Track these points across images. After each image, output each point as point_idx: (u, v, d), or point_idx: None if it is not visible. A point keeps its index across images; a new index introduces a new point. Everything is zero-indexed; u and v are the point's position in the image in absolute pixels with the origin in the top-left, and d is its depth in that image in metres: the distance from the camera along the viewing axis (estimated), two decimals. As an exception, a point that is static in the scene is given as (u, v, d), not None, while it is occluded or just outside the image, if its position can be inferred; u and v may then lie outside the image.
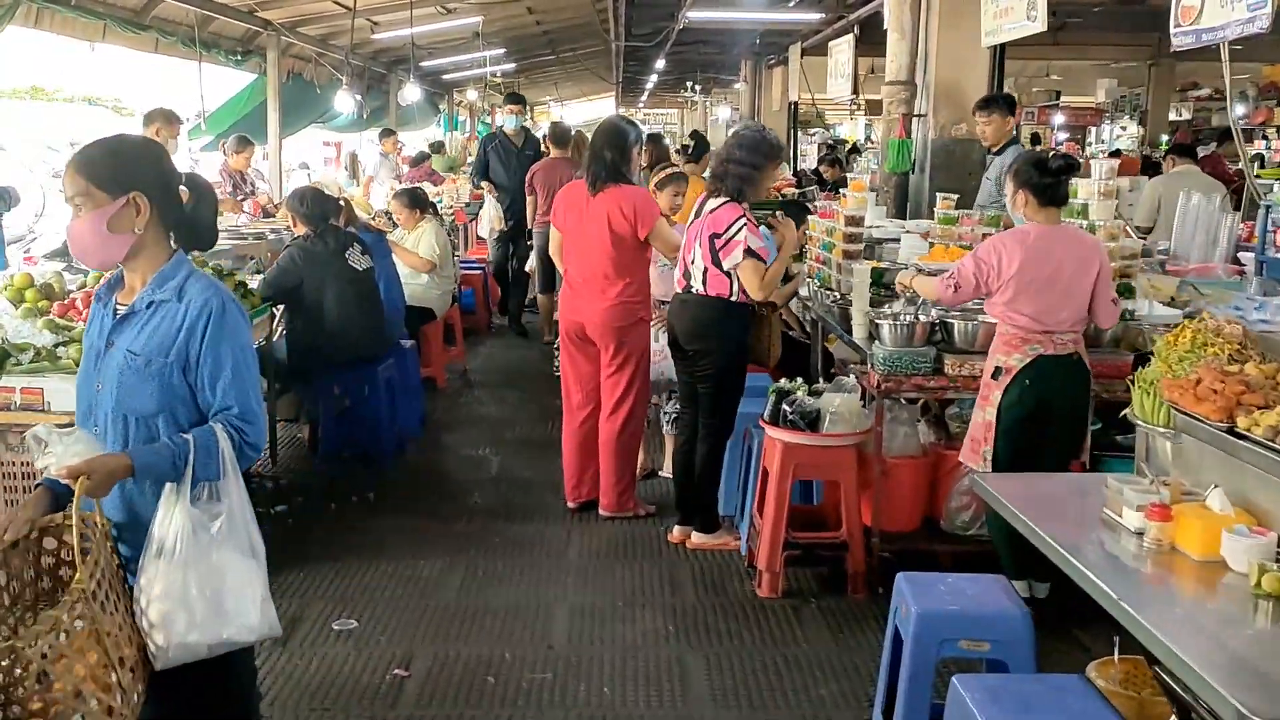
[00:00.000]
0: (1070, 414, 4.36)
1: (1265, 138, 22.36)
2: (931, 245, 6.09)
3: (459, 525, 5.75)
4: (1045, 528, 2.92)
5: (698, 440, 5.36)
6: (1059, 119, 24.68)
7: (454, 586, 4.96)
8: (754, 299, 5.07)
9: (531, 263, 10.30)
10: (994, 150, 7.29)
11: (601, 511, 5.82)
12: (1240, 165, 7.64)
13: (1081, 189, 4.88)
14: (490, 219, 10.42)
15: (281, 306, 6.51)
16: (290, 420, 7.29)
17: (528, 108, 17.26)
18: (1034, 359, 4.27)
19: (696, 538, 5.44)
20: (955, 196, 6.26)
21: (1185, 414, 2.94)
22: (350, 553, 5.30)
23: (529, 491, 6.27)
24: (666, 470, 6.48)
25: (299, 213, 6.42)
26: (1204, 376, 2.94)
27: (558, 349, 6.07)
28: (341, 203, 7.04)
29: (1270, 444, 2.59)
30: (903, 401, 4.91)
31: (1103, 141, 25.71)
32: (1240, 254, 6.35)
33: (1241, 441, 2.71)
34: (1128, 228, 5.32)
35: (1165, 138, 21.72)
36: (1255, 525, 2.62)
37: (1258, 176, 11.68)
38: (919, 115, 8.79)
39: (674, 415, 6.27)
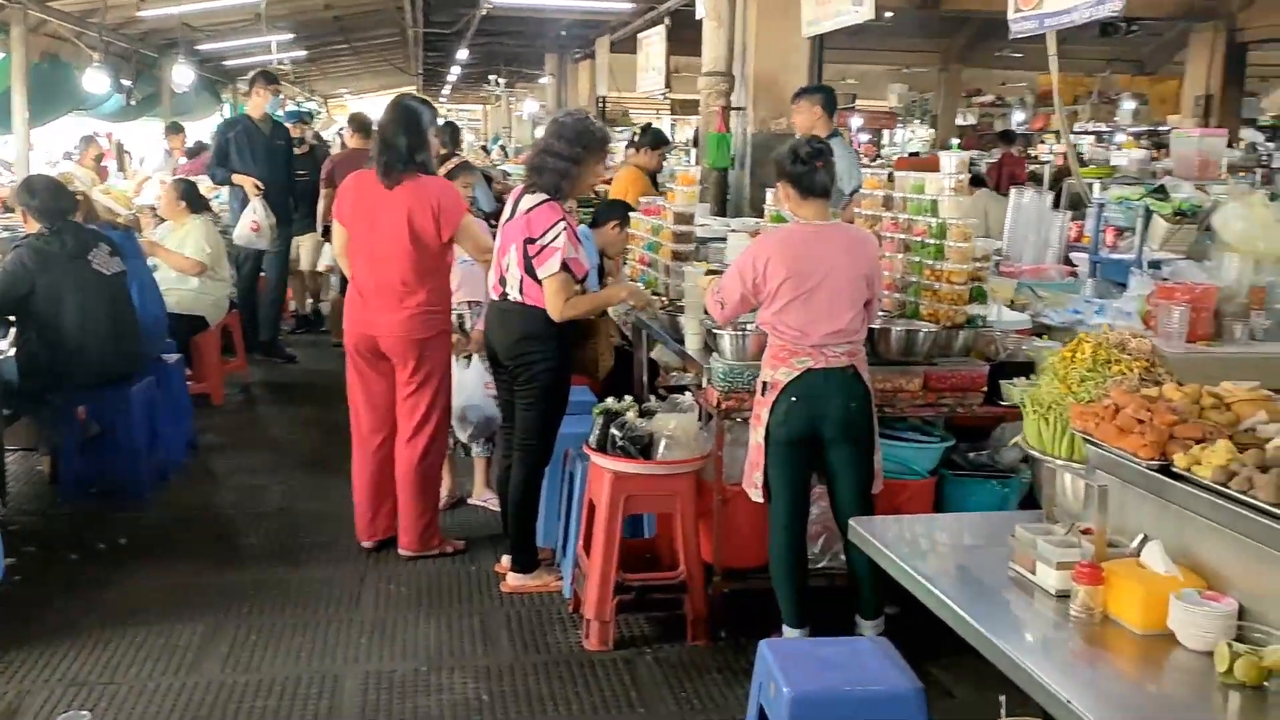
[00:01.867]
0: (848, 435, 3.87)
1: (1044, 141, 23.39)
2: (763, 246, 5.58)
3: (230, 575, 4.88)
4: (943, 586, 2.40)
5: (514, 466, 4.69)
6: (856, 121, 25.17)
7: (219, 657, 4.12)
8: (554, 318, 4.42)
9: (327, 260, 9.38)
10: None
11: (401, 551, 5.06)
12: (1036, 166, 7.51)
13: (930, 185, 4.48)
14: (249, 224, 8.29)
15: (12, 318, 5.45)
16: (28, 450, 6.20)
17: (325, 100, 16.11)
18: (801, 373, 3.79)
19: (513, 579, 4.76)
20: (785, 192, 5.78)
21: (1103, 449, 2.46)
22: (92, 617, 4.37)
23: (318, 528, 5.44)
24: (477, 497, 5.78)
25: (29, 206, 5.39)
26: (1122, 402, 2.47)
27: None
28: (79, 197, 5.99)
29: (1221, 489, 2.12)
30: (745, 421, 4.35)
31: (895, 144, 26.39)
32: (1071, 254, 6.13)
33: (1180, 484, 2.24)
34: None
35: (955, 141, 22.38)
36: (1205, 588, 2.15)
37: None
38: (738, 109, 8.35)
39: (483, 434, 5.59)
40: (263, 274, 8.84)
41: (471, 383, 5.25)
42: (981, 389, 4.33)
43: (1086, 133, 22.55)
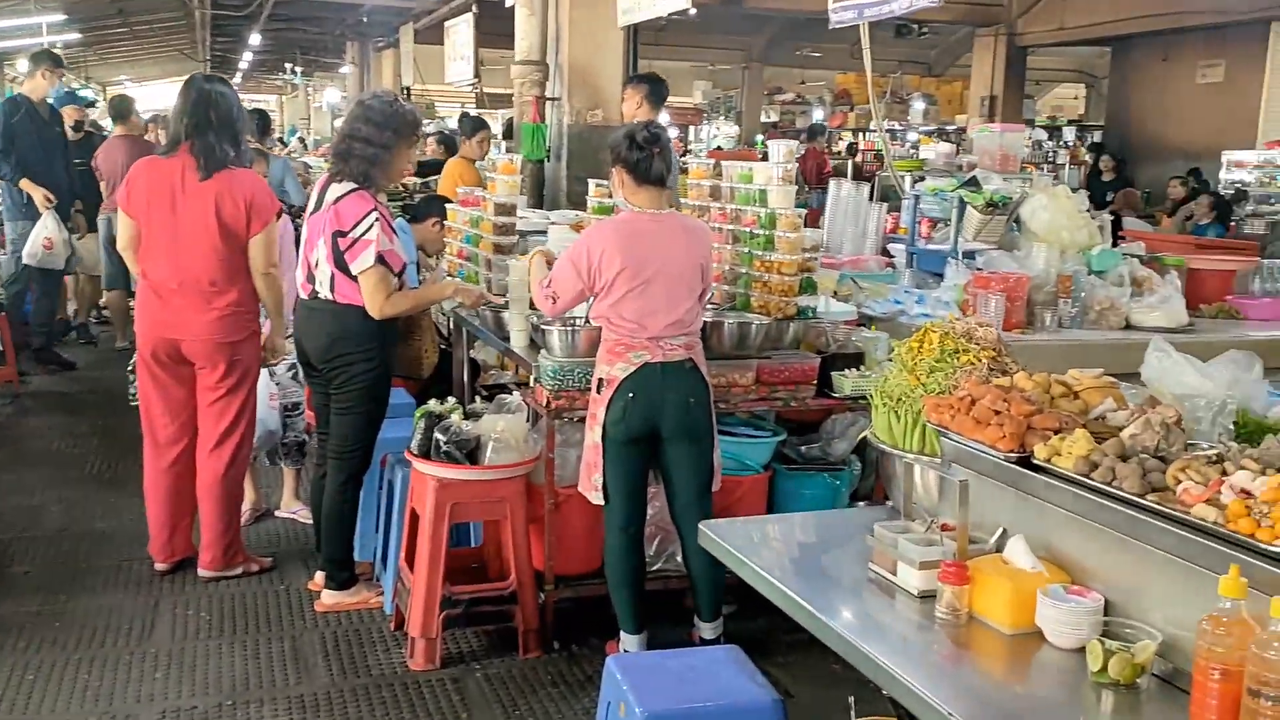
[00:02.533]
0: (687, 432, 3.75)
1: (842, 138, 24.19)
2: (586, 238, 5.40)
3: (2, 607, 4.36)
4: (803, 592, 2.28)
5: (328, 475, 4.36)
6: (665, 117, 25.32)
7: (-9, 703, 3.65)
8: (373, 315, 4.12)
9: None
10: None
11: (202, 572, 4.64)
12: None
13: (759, 174, 4.40)
14: (41, 240, 7.45)
15: None
16: None
17: (104, 88, 14.98)
18: (639, 368, 3.65)
19: (328, 597, 4.43)
20: (608, 184, 5.62)
21: (959, 441, 2.39)
22: None
23: (104, 550, 4.95)
24: (285, 509, 5.40)
25: None
26: (977, 394, 2.40)
27: (133, 370, 4.82)
28: None
29: (1084, 480, 2.06)
30: (577, 421, 4.16)
31: (701, 140, 26.80)
32: (889, 245, 6.21)
33: (1041, 477, 2.18)
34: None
35: (760, 138, 22.86)
36: (1070, 583, 2.09)
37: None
38: (553, 99, 8.15)
39: (296, 441, 5.21)
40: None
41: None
42: (813, 381, 4.28)
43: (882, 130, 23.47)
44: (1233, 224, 9.40)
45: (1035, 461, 2.19)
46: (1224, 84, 16.94)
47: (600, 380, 3.75)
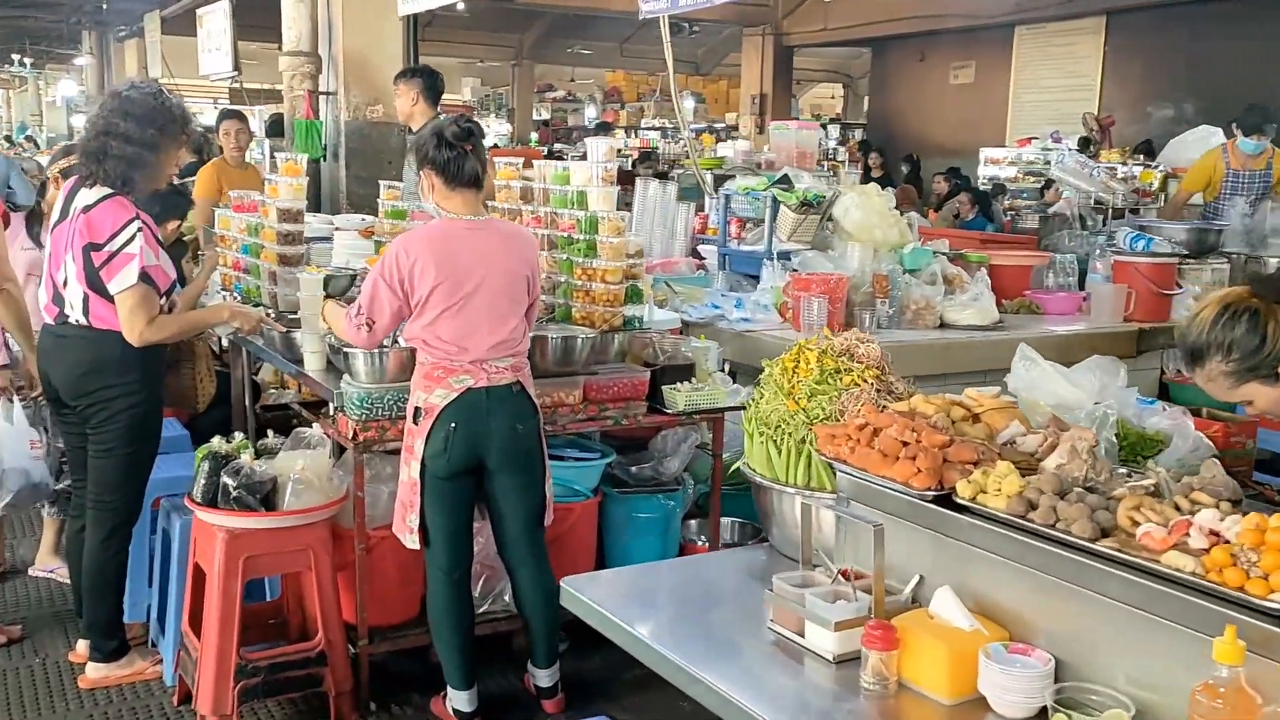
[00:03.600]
0: (516, 462, 3.38)
1: (614, 135, 24.18)
2: (380, 245, 4.90)
3: None
4: (695, 660, 1.95)
5: (88, 528, 3.72)
6: (437, 114, 24.66)
7: None
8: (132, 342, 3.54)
9: None
10: (416, 131, 6.30)
11: (-68, 651, 3.90)
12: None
13: (577, 174, 4.05)
14: None
15: None
16: None
17: None
18: (461, 394, 3.26)
19: (94, 670, 3.80)
20: (400, 186, 5.14)
21: (861, 478, 2.12)
22: None
23: None
24: (40, 566, 4.67)
25: None
26: (878, 423, 2.14)
27: None
28: None
29: (1024, 524, 1.82)
30: (389, 453, 3.69)
31: (473, 138, 26.10)
32: (699, 247, 5.99)
33: (966, 518, 1.93)
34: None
35: (535, 136, 22.51)
36: (1008, 639, 1.84)
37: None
38: (327, 93, 7.54)
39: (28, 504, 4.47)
40: None
41: (10, 439, 4.09)
42: (644, 397, 3.98)
43: (653, 128, 23.56)
44: (1009, 219, 9.73)
45: (959, 500, 1.94)
46: (975, 84, 17.85)
47: (417, 409, 3.32)
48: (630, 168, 12.90)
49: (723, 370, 4.19)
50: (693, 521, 4.39)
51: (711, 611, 2.23)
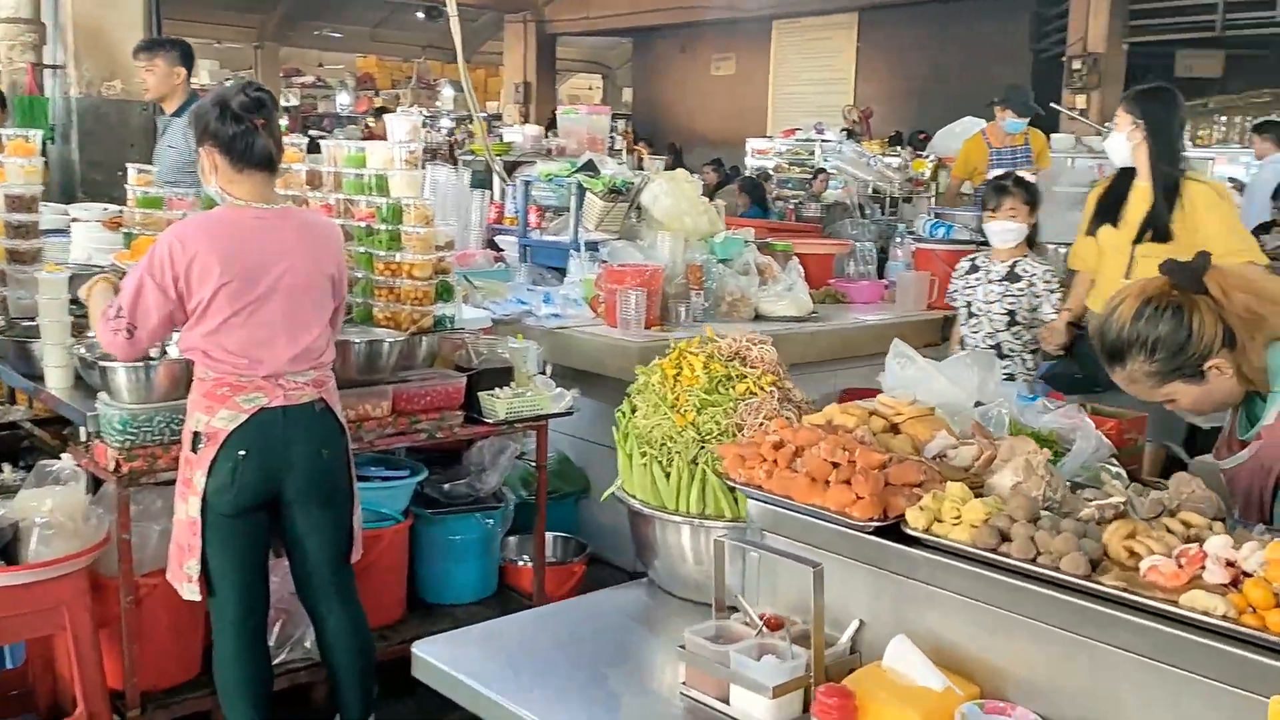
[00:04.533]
0: (320, 493, 2.89)
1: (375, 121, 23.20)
2: (131, 237, 4.21)
3: None
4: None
5: None
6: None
7: None
8: None
9: None
10: (171, 112, 5.59)
11: None
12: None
13: (375, 155, 3.56)
14: None
15: None
16: None
17: None
18: (252, 416, 2.75)
19: None
20: (153, 170, 4.44)
21: (785, 507, 1.79)
22: None
23: None
24: None
25: None
26: (799, 440, 1.82)
27: None
28: None
29: (1004, 561, 1.54)
30: (161, 485, 3.09)
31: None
32: (497, 238, 5.55)
33: (922, 553, 1.64)
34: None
35: (284, 123, 21.26)
36: (981, 696, 1.56)
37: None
38: (55, 67, 6.62)
39: None
40: None
41: None
42: (460, 405, 3.54)
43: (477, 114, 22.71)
44: (792, 208, 9.76)
45: (909, 532, 1.65)
46: (736, 76, 18.12)
47: (196, 435, 2.76)
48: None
49: (543, 372, 3.81)
50: (512, 539, 3.99)
51: (604, 673, 1.85)
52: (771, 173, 13.77)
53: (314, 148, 4.19)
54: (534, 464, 3.87)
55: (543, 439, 3.71)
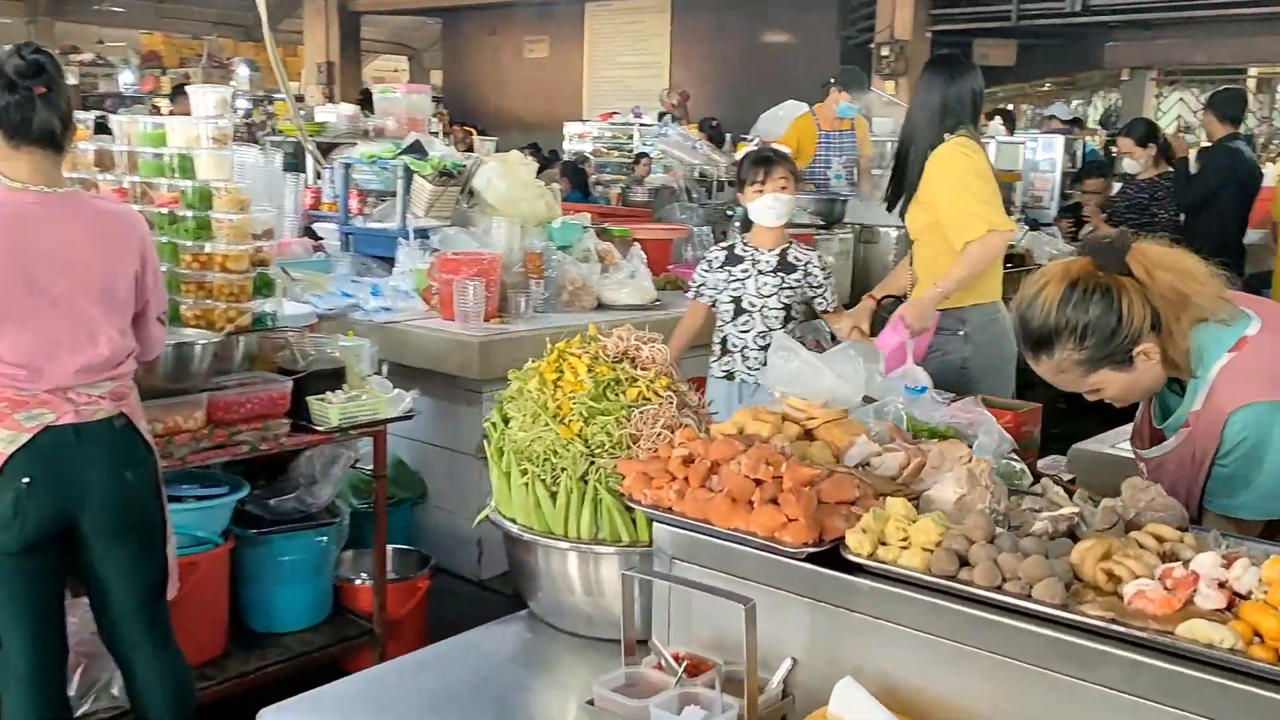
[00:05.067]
0: (125, 523, 2.50)
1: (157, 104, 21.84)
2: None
3: None
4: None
5: None
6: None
7: None
8: None
9: None
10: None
11: None
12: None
13: (177, 133, 3.12)
14: None
15: None
16: None
17: None
18: (36, 435, 2.36)
19: None
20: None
21: (702, 532, 1.56)
22: None
23: None
24: None
25: None
26: (715, 454, 1.59)
27: None
28: None
29: (958, 588, 1.35)
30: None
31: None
32: (315, 225, 5.11)
33: (868, 582, 1.43)
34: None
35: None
36: (941, 742, 1.37)
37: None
38: None
39: None
40: None
41: None
42: (285, 413, 3.17)
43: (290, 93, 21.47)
44: (619, 192, 9.55)
45: (851, 558, 1.44)
46: (549, 59, 17.81)
47: (-32, 458, 2.33)
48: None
49: (379, 372, 3.47)
50: (346, 554, 3.64)
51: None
52: (589, 156, 13.57)
53: (101, 129, 3.71)
54: (367, 472, 3.53)
55: (381, 446, 3.38)
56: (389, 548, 3.68)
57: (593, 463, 1.78)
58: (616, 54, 16.77)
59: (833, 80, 6.85)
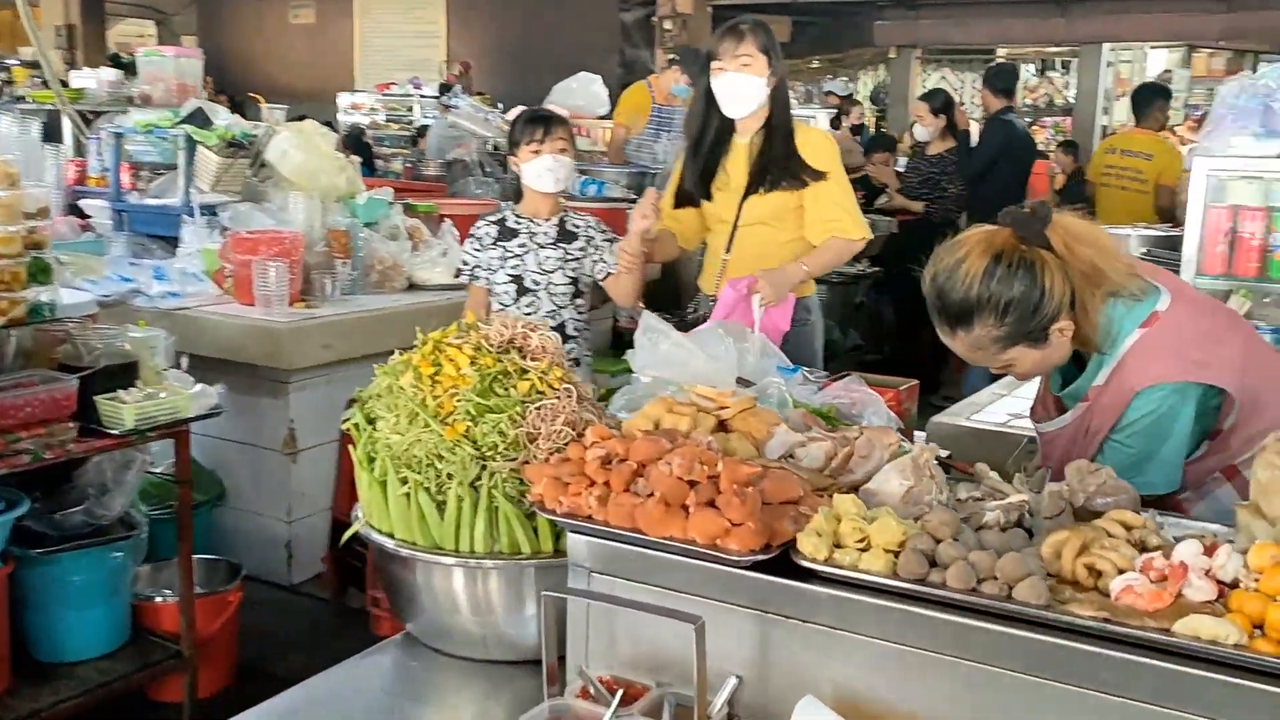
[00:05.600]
0: None
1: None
2: None
3: None
4: None
5: None
6: None
7: None
8: None
9: None
10: None
11: None
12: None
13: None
14: None
15: None
16: None
17: None
18: None
19: None
20: None
21: (627, 541, 1.39)
22: None
23: None
24: None
25: None
26: (637, 454, 1.42)
27: None
28: None
29: (931, 593, 1.24)
30: None
31: None
32: (81, 202, 4.57)
33: (825, 590, 1.30)
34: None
35: None
36: (912, 759, 1.26)
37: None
38: None
39: None
40: None
41: None
42: (71, 415, 2.78)
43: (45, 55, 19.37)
44: (409, 166, 9.13)
45: (806, 564, 1.30)
46: (318, 26, 16.98)
47: None
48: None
49: (178, 365, 3.10)
50: (144, 569, 3.26)
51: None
52: (366, 129, 13.01)
53: None
54: (158, 474, 3.18)
55: (184, 448, 3.03)
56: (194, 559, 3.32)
57: (484, 467, 1.58)
58: (390, 23, 16.16)
59: (673, 59, 6.72)
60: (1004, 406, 2.92)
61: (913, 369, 6.20)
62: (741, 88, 3.13)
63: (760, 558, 1.32)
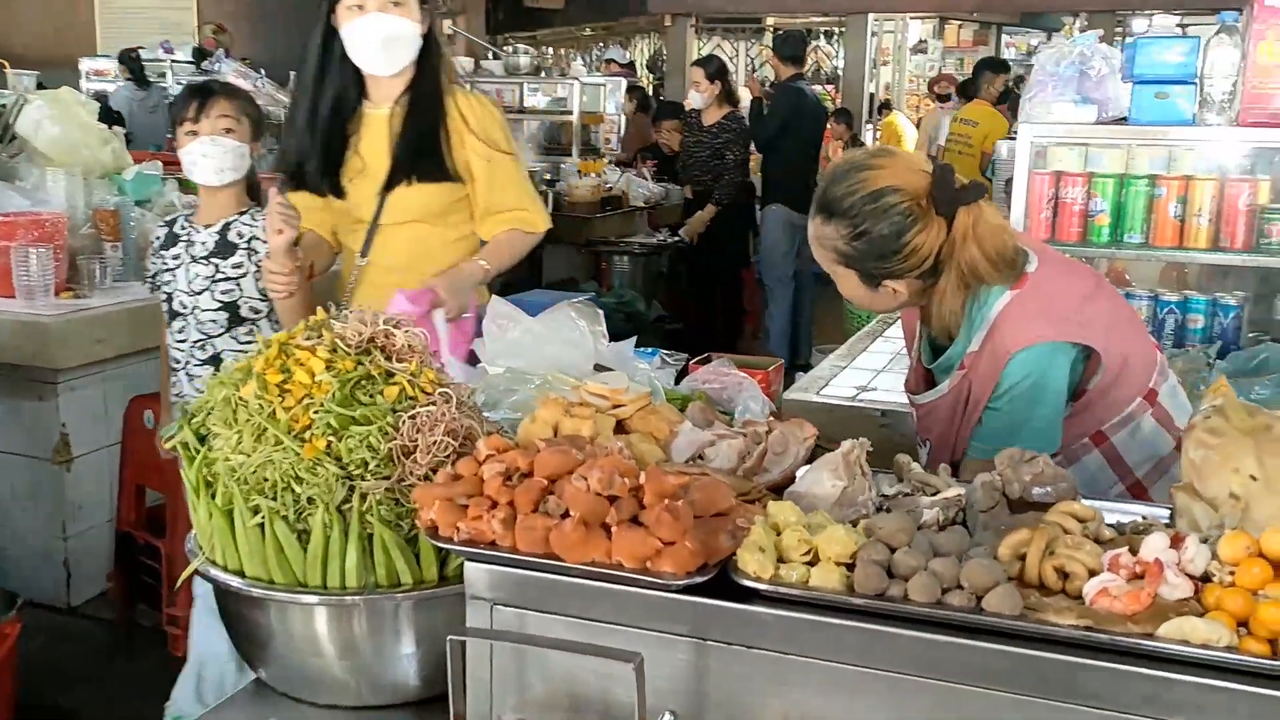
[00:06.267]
0: None
1: None
2: None
3: None
4: None
5: None
6: None
7: None
8: None
9: None
10: None
11: None
12: None
13: None
14: None
15: None
16: None
17: None
18: None
19: None
20: None
21: (541, 569, 1.21)
22: None
23: None
24: None
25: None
26: (547, 469, 1.23)
27: None
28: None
29: (895, 608, 1.12)
30: None
31: None
32: None
33: (772, 611, 1.16)
34: None
35: None
36: (875, 791, 1.14)
37: None
38: None
39: None
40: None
41: None
42: None
43: None
44: (169, 137, 8.42)
45: (747, 584, 1.16)
46: (44, -13, 15.57)
47: None
48: None
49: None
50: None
51: None
52: (109, 95, 12.02)
53: None
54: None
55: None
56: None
57: (353, 488, 1.36)
58: (139, -15, 14.99)
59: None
60: (848, 380, 2.87)
61: (712, 336, 6.17)
62: (389, 29, 2.39)
63: (697, 580, 1.16)
